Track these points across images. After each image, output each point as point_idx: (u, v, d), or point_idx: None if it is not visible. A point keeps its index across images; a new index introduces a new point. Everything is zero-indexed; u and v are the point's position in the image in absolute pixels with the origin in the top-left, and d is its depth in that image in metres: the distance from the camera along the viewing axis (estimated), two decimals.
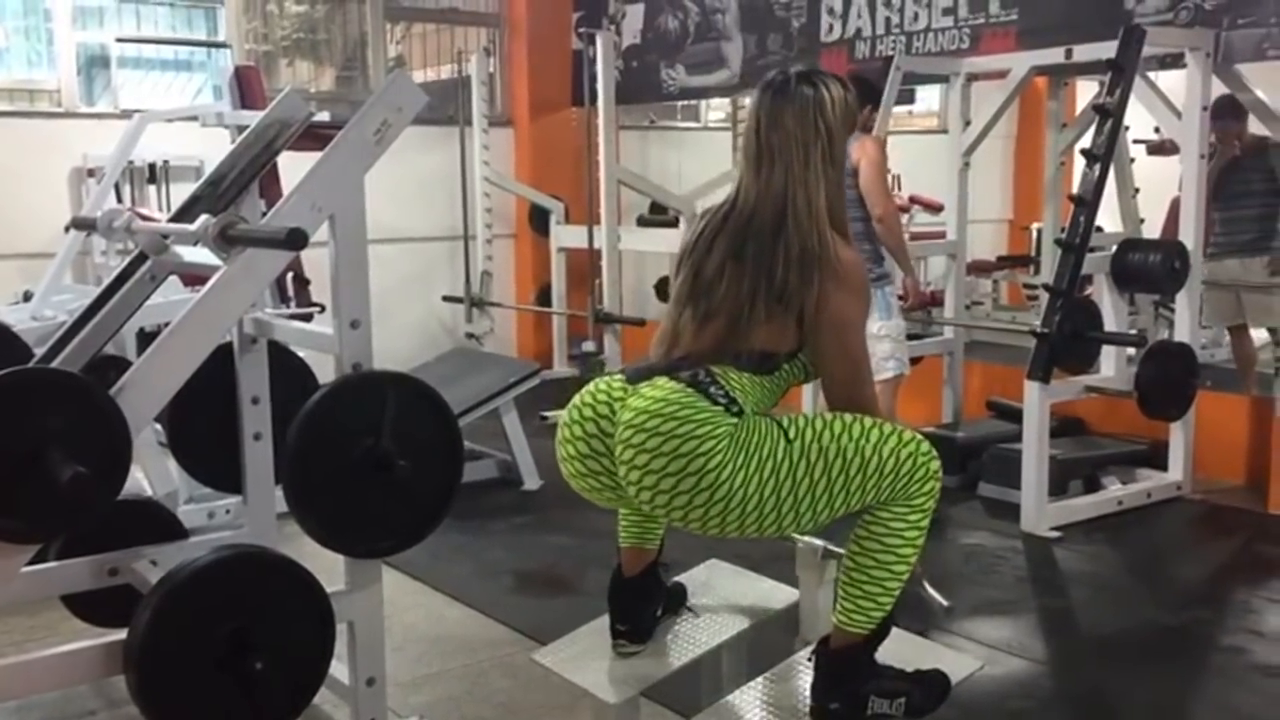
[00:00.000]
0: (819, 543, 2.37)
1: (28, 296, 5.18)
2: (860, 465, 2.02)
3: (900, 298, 4.80)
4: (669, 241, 6.72)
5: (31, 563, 2.36)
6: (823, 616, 2.30)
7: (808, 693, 2.15)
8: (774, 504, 1.99)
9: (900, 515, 2.08)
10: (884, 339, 4.55)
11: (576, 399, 2.20)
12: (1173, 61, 5.00)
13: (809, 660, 2.18)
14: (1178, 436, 4.89)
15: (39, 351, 2.91)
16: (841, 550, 2.20)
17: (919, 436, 2.11)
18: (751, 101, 2.23)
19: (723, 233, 2.18)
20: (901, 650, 2.27)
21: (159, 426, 3.18)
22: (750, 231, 2.14)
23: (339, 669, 2.51)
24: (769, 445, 2.00)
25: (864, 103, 4.63)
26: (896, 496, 2.07)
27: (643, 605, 2.45)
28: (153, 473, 4.11)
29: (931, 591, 3.08)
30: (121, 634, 2.21)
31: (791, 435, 2.02)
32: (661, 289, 7.59)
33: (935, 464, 2.10)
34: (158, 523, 2.95)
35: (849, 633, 2.11)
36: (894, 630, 2.28)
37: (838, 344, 2.12)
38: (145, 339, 3.85)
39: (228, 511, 4.25)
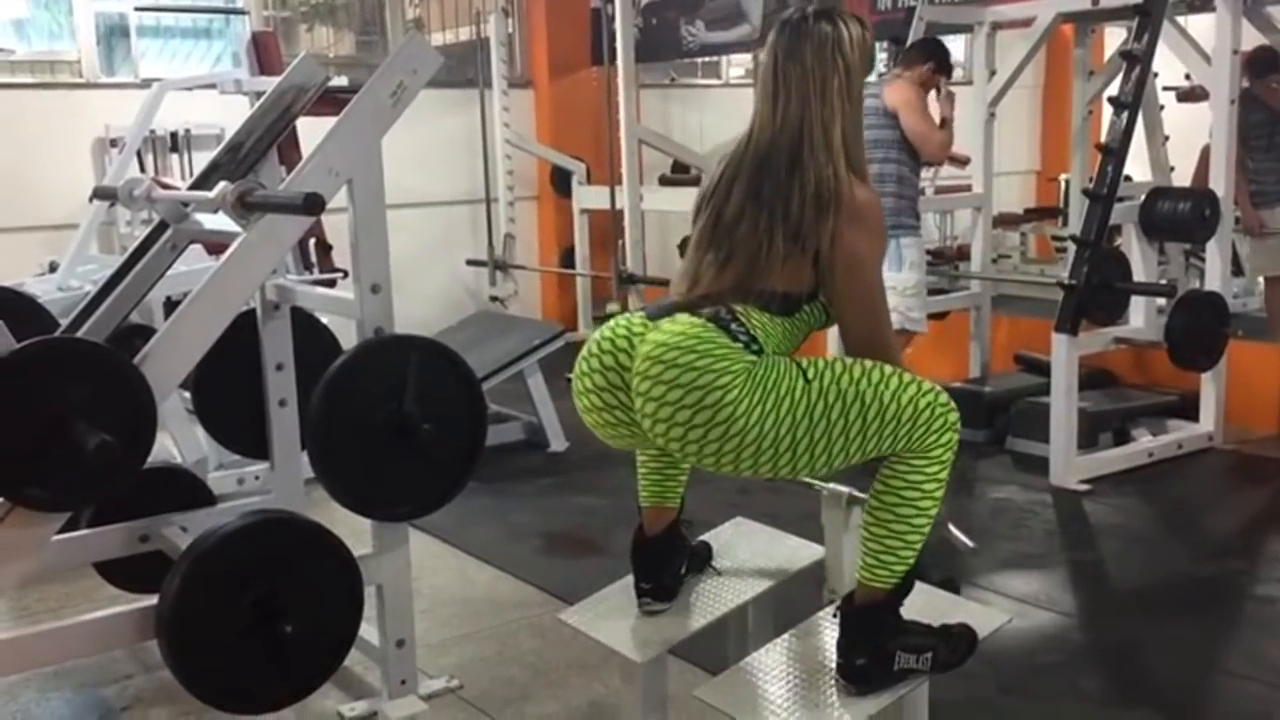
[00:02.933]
0: (844, 489, 2.35)
1: (53, 267, 5.22)
2: (878, 411, 2.01)
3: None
4: (691, 201, 6.66)
5: (64, 531, 2.39)
6: (848, 565, 2.28)
7: (834, 649, 2.15)
8: (789, 444, 1.98)
9: (917, 468, 2.06)
10: (889, 291, 4.49)
11: (596, 334, 2.20)
12: (1202, 5, 4.90)
13: (834, 617, 2.18)
14: (1209, 387, 4.84)
15: (65, 322, 2.94)
16: (865, 496, 2.19)
17: (937, 387, 2.10)
18: (769, 38, 2.20)
19: (741, 173, 2.18)
20: (928, 605, 2.26)
21: (188, 394, 3.20)
22: (767, 169, 2.13)
23: (370, 631, 2.53)
24: (787, 384, 1.99)
25: (926, 59, 4.74)
26: (913, 447, 2.05)
27: (665, 563, 2.45)
28: (182, 440, 4.14)
29: (956, 533, 3.07)
30: (154, 599, 2.24)
31: (810, 376, 2.01)
32: (685, 248, 7.54)
33: (954, 415, 2.09)
34: (187, 489, 2.98)
35: (872, 588, 2.11)
36: (921, 585, 2.27)
37: (851, 285, 2.10)
38: (172, 308, 3.86)
39: (257, 477, 4.27)
